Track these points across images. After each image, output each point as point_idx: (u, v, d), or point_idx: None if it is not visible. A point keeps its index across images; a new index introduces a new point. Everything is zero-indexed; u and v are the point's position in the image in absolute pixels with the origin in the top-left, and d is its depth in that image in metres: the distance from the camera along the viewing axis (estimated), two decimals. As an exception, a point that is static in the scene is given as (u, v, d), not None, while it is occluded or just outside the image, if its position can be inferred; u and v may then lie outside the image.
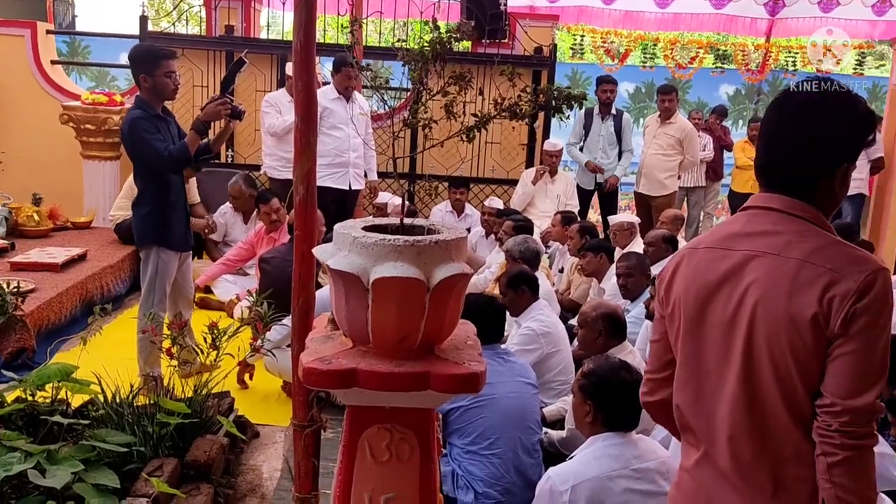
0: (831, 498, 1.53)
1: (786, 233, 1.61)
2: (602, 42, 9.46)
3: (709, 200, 9.14)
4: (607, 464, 2.49)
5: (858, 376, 1.52)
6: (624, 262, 4.74)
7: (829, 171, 1.62)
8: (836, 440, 1.51)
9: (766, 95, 10.20)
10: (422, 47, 1.87)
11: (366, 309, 1.81)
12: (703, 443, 1.73)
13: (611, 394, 2.57)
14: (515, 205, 7.00)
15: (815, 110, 1.62)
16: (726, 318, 1.65)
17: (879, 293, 1.51)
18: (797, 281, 1.55)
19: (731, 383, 1.65)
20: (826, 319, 1.52)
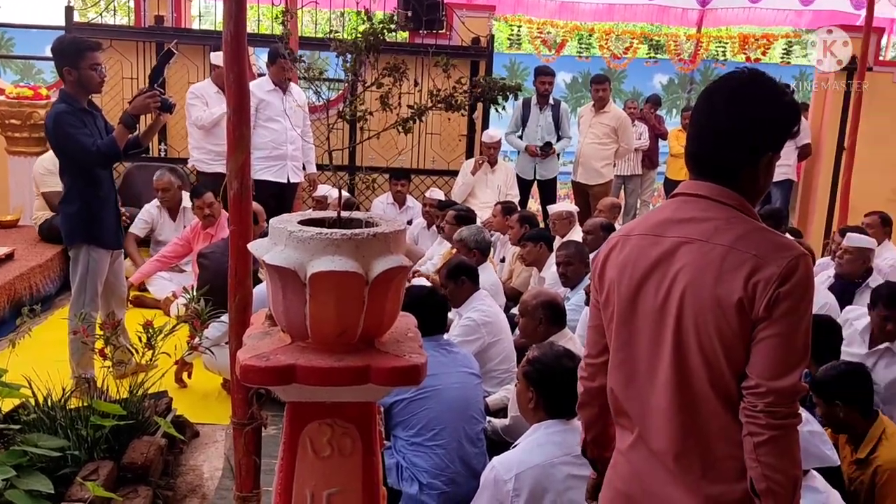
0: (758, 476, 1.58)
1: (713, 219, 1.64)
2: (539, 32, 9.52)
3: (645, 188, 9.32)
4: (550, 451, 2.52)
5: (782, 358, 1.56)
6: (563, 250, 4.80)
7: (754, 160, 1.66)
8: (762, 420, 1.56)
9: (698, 84, 10.42)
10: (355, 38, 1.85)
11: (304, 304, 1.79)
12: (637, 425, 1.77)
13: (553, 381, 2.60)
14: (456, 196, 7.01)
15: (740, 101, 1.66)
16: (657, 304, 1.68)
17: (801, 278, 1.56)
18: (723, 266, 1.59)
19: (663, 367, 1.68)
20: (751, 303, 1.56)
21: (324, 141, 2.01)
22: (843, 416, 2.94)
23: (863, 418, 2.95)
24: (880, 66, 7.80)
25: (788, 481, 1.58)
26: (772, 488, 1.57)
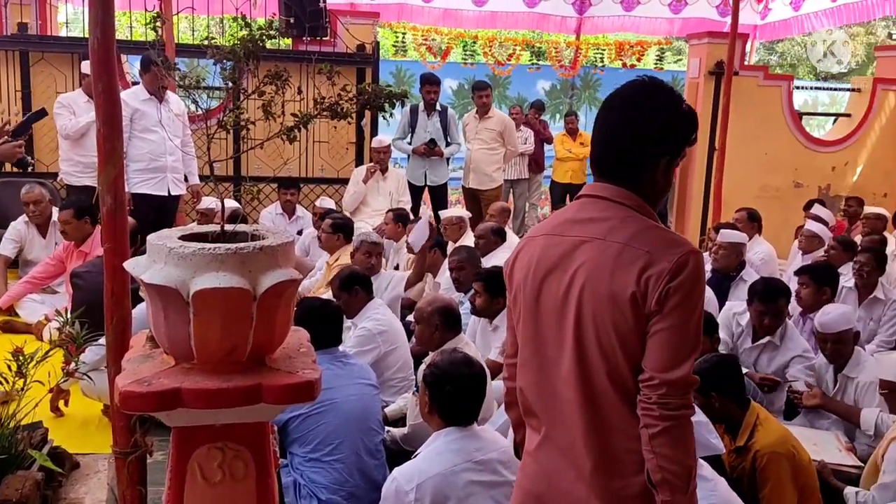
0: (654, 468, 1.63)
1: (611, 219, 1.70)
2: (424, 39, 9.57)
3: (533, 191, 9.52)
4: (450, 458, 2.51)
5: (674, 350, 1.62)
6: (455, 255, 4.83)
7: (652, 165, 1.72)
8: (656, 412, 1.61)
9: (579, 90, 10.75)
10: (233, 45, 1.77)
11: (187, 324, 1.70)
12: (545, 424, 1.80)
13: (446, 387, 2.60)
14: (347, 204, 6.93)
15: (638, 107, 1.72)
16: (558, 300, 1.73)
17: (691, 273, 1.62)
18: (618, 262, 1.65)
19: (566, 362, 1.73)
20: (643, 297, 1.62)
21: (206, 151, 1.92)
22: (719, 406, 3.07)
23: (737, 408, 3.09)
24: (745, 70, 8.28)
25: (683, 471, 1.62)
26: (667, 479, 1.61)
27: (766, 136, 8.33)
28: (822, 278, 4.56)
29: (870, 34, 20.05)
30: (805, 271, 4.72)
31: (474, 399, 2.66)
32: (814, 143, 8.79)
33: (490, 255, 5.50)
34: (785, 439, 2.95)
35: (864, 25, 19.28)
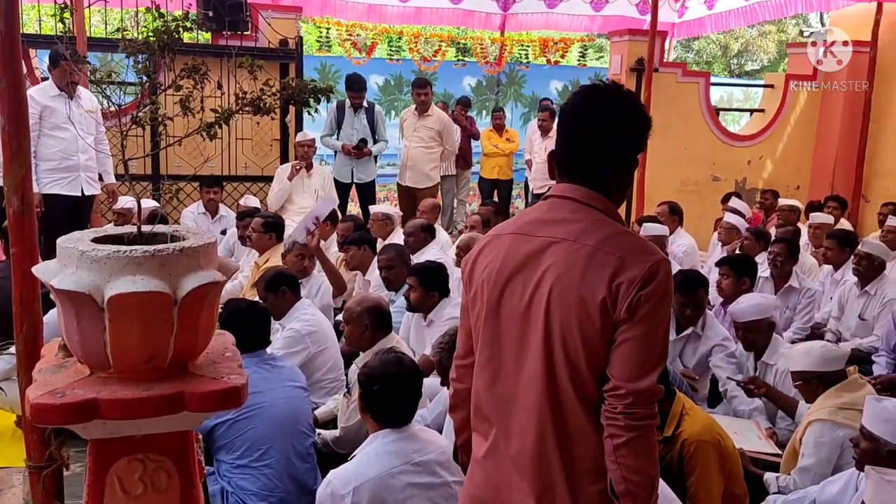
0: (618, 478, 1.61)
1: (582, 221, 1.69)
2: (348, 35, 9.46)
3: (461, 188, 9.54)
4: (387, 461, 2.47)
5: (641, 360, 1.60)
6: (384, 254, 4.79)
7: (618, 166, 1.74)
8: (621, 422, 1.59)
9: (504, 86, 10.83)
10: (146, 37, 1.69)
11: (102, 331, 1.61)
12: (495, 427, 1.77)
13: (377, 387, 2.56)
14: (272, 202, 6.78)
15: (606, 111, 1.72)
16: (524, 301, 1.70)
17: (661, 281, 1.61)
18: (589, 265, 1.63)
19: (529, 365, 1.70)
20: (613, 304, 1.60)
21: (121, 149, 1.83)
22: None
23: (664, 399, 3.15)
24: (665, 67, 8.48)
25: (646, 482, 1.61)
26: (630, 489, 1.60)
27: (686, 132, 8.57)
28: (741, 269, 4.70)
29: (781, 32, 20.89)
30: (725, 262, 4.86)
31: (407, 399, 2.63)
32: (730, 138, 9.08)
33: (420, 252, 5.47)
34: (710, 428, 3.02)
35: (776, 23, 20.09)
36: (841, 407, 3.16)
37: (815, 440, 3.13)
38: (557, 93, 10.91)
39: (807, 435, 3.17)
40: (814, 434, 3.14)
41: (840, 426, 3.10)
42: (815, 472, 3.09)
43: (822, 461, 3.10)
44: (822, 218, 6.97)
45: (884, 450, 2.52)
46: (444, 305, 4.23)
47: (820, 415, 3.18)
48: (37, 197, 5.33)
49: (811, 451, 3.12)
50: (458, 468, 2.64)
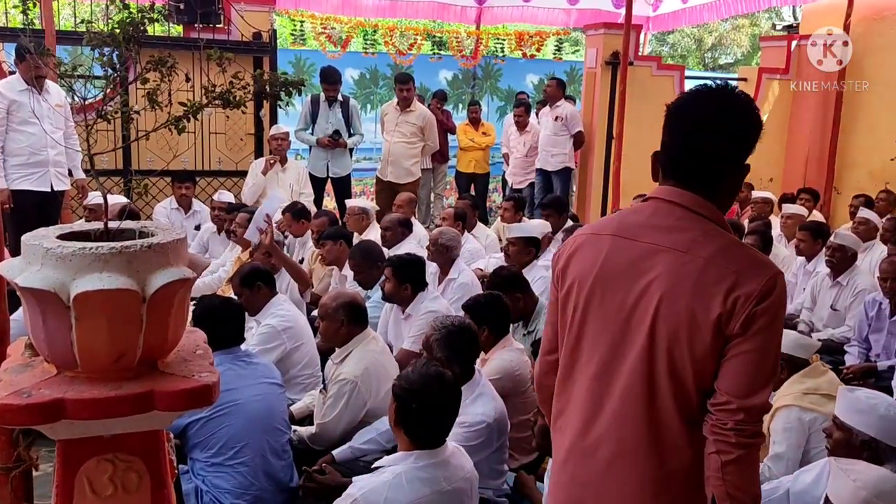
0: (722, 494, 1.58)
1: (692, 230, 1.64)
2: (323, 28, 9.37)
3: (437, 182, 9.52)
4: (419, 488, 2.37)
5: (754, 376, 1.57)
6: (352, 258, 4.80)
7: (732, 175, 1.70)
8: (732, 439, 1.56)
9: (480, 80, 10.81)
10: (112, 29, 1.65)
11: (69, 329, 1.58)
12: (583, 432, 1.74)
13: (416, 404, 2.42)
14: (247, 197, 6.72)
15: (724, 117, 1.66)
16: (626, 308, 1.67)
17: (778, 296, 1.58)
18: (702, 279, 1.59)
19: (627, 376, 1.67)
20: (728, 319, 1.56)
21: (91, 144, 1.79)
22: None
23: None
24: (640, 60, 8.51)
25: (750, 500, 1.59)
26: None
27: (661, 125, 8.56)
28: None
29: (754, 25, 21.06)
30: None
31: (446, 419, 2.51)
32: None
33: (397, 246, 5.45)
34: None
35: (749, 17, 20.26)
36: (806, 392, 3.21)
37: (783, 427, 3.18)
38: (533, 86, 10.92)
39: (775, 422, 3.21)
40: (782, 421, 3.19)
41: (806, 411, 3.16)
42: (788, 458, 3.14)
43: (792, 446, 3.15)
44: (795, 209, 7.05)
45: (857, 440, 2.55)
46: (421, 299, 4.22)
47: (786, 401, 3.23)
48: (5, 193, 5.26)
49: (782, 438, 3.17)
50: (477, 492, 2.59)
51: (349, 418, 3.35)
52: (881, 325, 4.78)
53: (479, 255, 6.15)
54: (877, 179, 8.39)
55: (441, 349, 3.05)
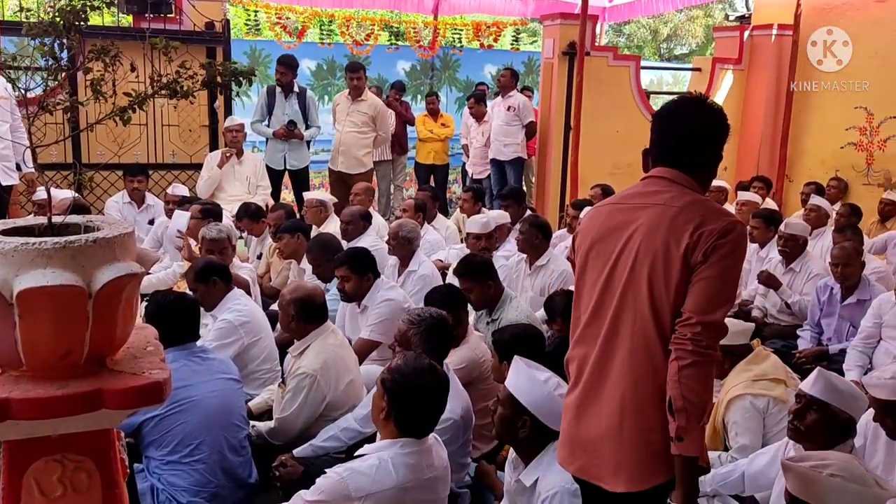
0: (677, 395, 1.86)
1: (671, 191, 2.03)
2: (278, 18, 9.24)
3: (397, 174, 9.47)
4: (405, 474, 2.39)
5: (711, 296, 1.89)
6: (309, 253, 4.75)
7: (709, 162, 2.10)
8: (689, 346, 1.86)
9: (439, 71, 10.77)
10: (52, 17, 1.60)
11: (12, 327, 1.53)
12: (578, 369, 2.11)
13: (406, 397, 2.44)
14: (202, 190, 6.61)
15: (709, 117, 2.08)
16: (615, 255, 2.03)
17: (737, 236, 1.93)
18: (675, 222, 1.95)
19: (613, 307, 2.02)
20: (693, 249, 1.91)
21: (41, 138, 1.73)
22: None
23: None
24: (597, 50, 8.55)
25: (700, 403, 1.87)
26: (686, 407, 1.85)
27: (617, 115, 8.66)
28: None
29: (708, 17, 21.34)
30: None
31: (435, 411, 2.53)
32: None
33: (357, 239, 5.42)
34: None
35: (703, 8, 20.53)
36: (755, 379, 3.27)
37: (742, 417, 3.22)
38: (492, 77, 10.91)
39: (732, 414, 3.25)
40: (739, 412, 3.23)
41: (758, 397, 3.22)
42: (753, 447, 3.18)
43: (753, 436, 3.20)
44: (750, 196, 7.18)
45: (838, 420, 2.58)
46: (376, 288, 4.20)
47: (737, 391, 3.28)
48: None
49: (744, 430, 3.20)
50: (449, 484, 2.62)
51: (309, 412, 3.32)
52: (832, 309, 4.89)
53: (440, 246, 6.15)
54: (827, 167, 8.59)
55: (421, 343, 3.06)
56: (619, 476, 1.99)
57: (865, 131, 8.27)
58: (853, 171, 8.39)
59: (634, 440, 1.98)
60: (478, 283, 4.14)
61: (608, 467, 2.02)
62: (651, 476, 1.98)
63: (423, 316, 3.15)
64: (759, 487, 2.88)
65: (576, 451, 2.11)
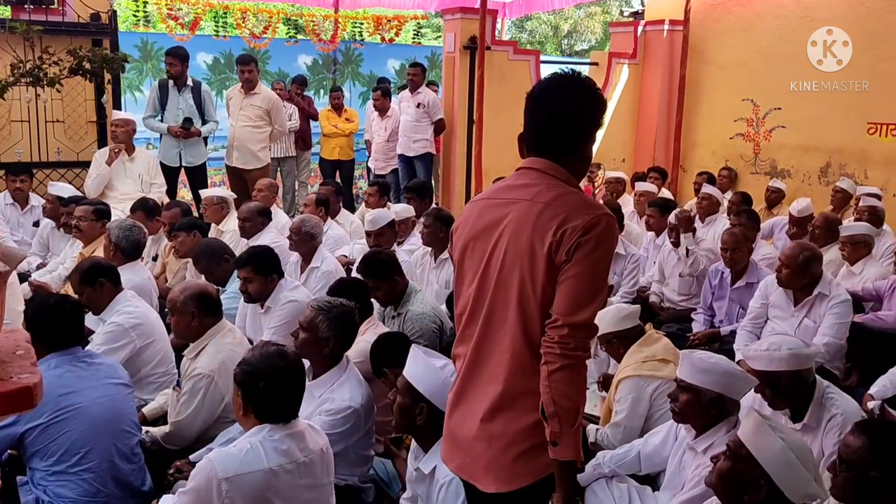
0: (548, 401, 1.80)
1: (539, 185, 1.94)
2: (169, 10, 8.91)
3: (301, 170, 9.31)
4: (274, 457, 2.35)
5: (577, 296, 1.82)
6: (196, 263, 4.62)
7: (580, 144, 1.99)
8: (557, 350, 1.80)
9: (341, 65, 10.65)
10: None
11: None
12: (467, 367, 2.03)
13: (259, 384, 2.40)
14: (91, 189, 6.28)
15: (572, 97, 1.95)
16: (486, 253, 1.97)
17: (601, 231, 1.83)
18: (540, 219, 1.88)
19: (486, 308, 1.96)
20: (557, 248, 1.83)
21: None
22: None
23: None
24: (497, 45, 8.64)
25: (573, 406, 1.81)
26: (558, 412, 1.80)
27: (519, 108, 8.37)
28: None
29: (606, 13, 21.93)
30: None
31: (294, 394, 2.49)
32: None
33: (256, 236, 5.29)
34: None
35: (601, 5, 21.08)
36: (644, 360, 3.37)
37: (624, 396, 3.33)
38: (395, 71, 10.87)
39: (618, 392, 3.37)
40: (624, 391, 3.35)
41: (645, 378, 3.33)
42: (625, 426, 3.30)
43: (631, 415, 3.31)
44: (647, 186, 7.41)
45: (705, 398, 2.69)
46: (280, 289, 4.11)
47: (627, 372, 3.39)
48: None
49: (622, 408, 3.32)
50: (332, 469, 2.59)
51: (206, 415, 3.22)
52: (723, 293, 5.10)
53: (344, 241, 6.08)
54: (718, 157, 8.97)
55: (330, 328, 3.05)
56: (488, 476, 1.97)
57: (752, 122, 8.68)
58: (742, 160, 8.79)
59: (503, 441, 1.94)
60: (383, 281, 4.11)
61: (479, 467, 1.99)
62: (519, 477, 1.95)
63: (332, 303, 3.11)
64: (654, 466, 2.98)
65: (454, 449, 2.08)
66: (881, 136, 7.42)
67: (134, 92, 8.83)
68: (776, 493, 2.08)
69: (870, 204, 5.98)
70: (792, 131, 8.26)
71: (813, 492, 2.09)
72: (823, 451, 2.84)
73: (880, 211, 5.97)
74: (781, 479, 2.07)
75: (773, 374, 2.87)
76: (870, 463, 2.13)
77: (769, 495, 2.08)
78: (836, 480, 2.22)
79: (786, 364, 2.84)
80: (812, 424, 2.91)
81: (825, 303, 4.28)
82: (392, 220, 5.40)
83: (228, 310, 4.15)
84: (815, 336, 4.21)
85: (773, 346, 2.89)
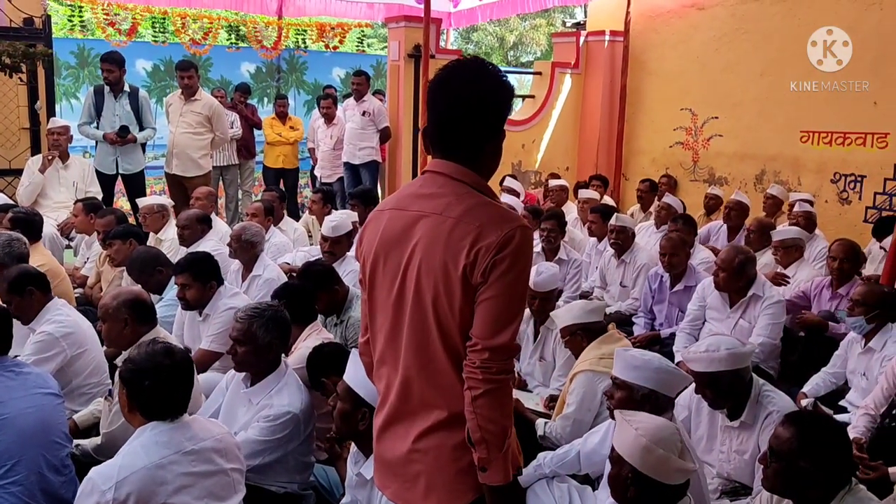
0: (474, 427, 1.74)
1: (448, 195, 1.80)
2: (106, 16, 8.71)
3: (245, 178, 9.19)
4: (156, 451, 2.32)
5: (496, 318, 1.73)
6: (129, 271, 4.50)
7: (487, 141, 1.84)
8: (479, 375, 1.72)
9: (285, 73, 10.56)
10: None
11: None
12: (388, 389, 1.93)
13: (145, 382, 2.37)
14: (22, 197, 6.10)
15: (473, 87, 1.79)
16: (399, 272, 1.83)
17: (517, 246, 1.72)
18: (452, 237, 1.75)
19: (406, 331, 1.84)
20: (472, 270, 1.73)
21: None
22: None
23: None
24: (441, 53, 8.67)
25: (500, 431, 1.75)
26: (485, 437, 1.74)
27: (464, 117, 8.82)
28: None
29: (551, 25, 22.23)
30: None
31: (180, 391, 2.45)
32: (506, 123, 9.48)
33: (196, 244, 5.19)
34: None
35: (546, 16, 21.38)
36: (601, 357, 3.42)
37: (577, 389, 3.38)
38: (340, 80, 10.83)
39: (572, 385, 3.42)
40: (577, 384, 3.39)
41: (598, 374, 3.37)
42: (575, 419, 3.35)
43: (581, 409, 3.36)
44: (590, 194, 7.53)
45: (638, 395, 2.73)
46: (219, 296, 4.04)
47: (583, 366, 3.43)
48: None
49: (574, 400, 3.37)
50: (237, 455, 2.52)
51: (140, 425, 3.13)
52: (663, 296, 5.20)
53: (287, 249, 6.01)
54: (658, 165, 9.16)
55: (269, 332, 3.03)
56: (429, 498, 1.89)
57: (691, 131, 8.89)
58: (681, 168, 8.99)
59: (440, 460, 1.86)
60: (324, 291, 4.09)
61: (418, 490, 1.90)
62: (463, 494, 1.87)
63: (261, 308, 3.07)
64: (593, 465, 3.00)
65: (387, 473, 1.99)
66: (813, 144, 7.66)
67: (70, 99, 8.62)
68: (645, 481, 2.13)
69: (805, 209, 6.18)
70: (729, 140, 8.48)
71: (679, 466, 2.13)
72: (760, 447, 2.91)
73: (814, 216, 6.19)
74: (643, 465, 2.12)
75: (713, 374, 2.93)
76: (798, 454, 2.18)
77: (642, 485, 2.14)
78: (766, 472, 2.27)
79: (725, 364, 2.91)
80: (749, 422, 2.99)
81: (759, 304, 4.40)
82: (351, 230, 5.30)
83: (165, 317, 4.06)
84: (751, 336, 4.32)
85: (712, 347, 2.96)
